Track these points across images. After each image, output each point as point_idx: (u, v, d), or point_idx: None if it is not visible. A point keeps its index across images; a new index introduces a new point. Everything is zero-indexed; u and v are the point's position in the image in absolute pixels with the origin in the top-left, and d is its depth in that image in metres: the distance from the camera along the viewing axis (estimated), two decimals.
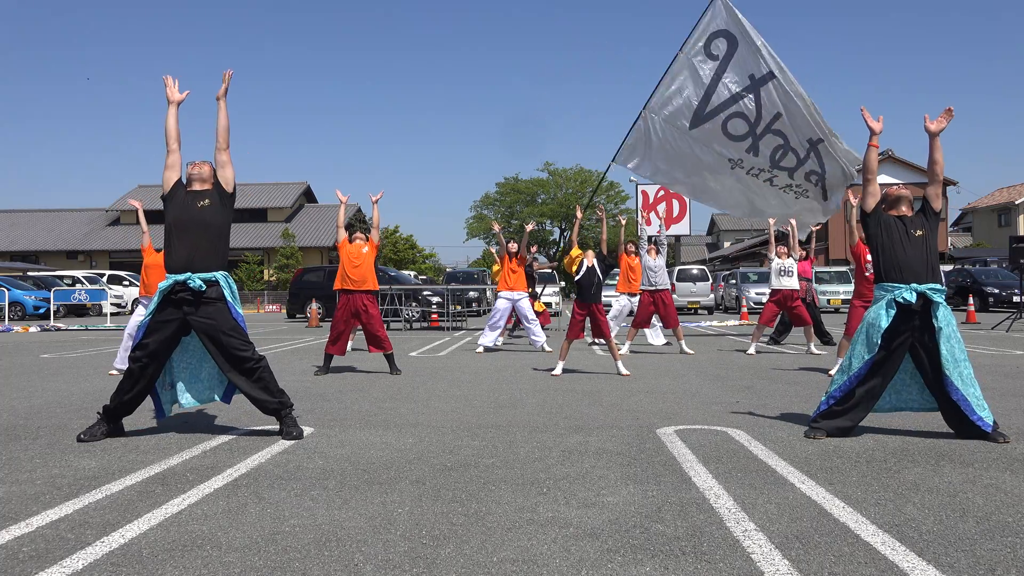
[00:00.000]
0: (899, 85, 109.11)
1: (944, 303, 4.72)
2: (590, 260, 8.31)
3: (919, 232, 4.82)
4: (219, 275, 4.85)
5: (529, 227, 12.29)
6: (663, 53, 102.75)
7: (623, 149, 12.01)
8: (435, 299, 18.82)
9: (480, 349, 11.31)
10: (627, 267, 12.04)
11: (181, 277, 4.74)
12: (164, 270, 4.95)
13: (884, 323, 4.66)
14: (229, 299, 4.87)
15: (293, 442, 4.69)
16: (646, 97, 11.84)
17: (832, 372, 8.23)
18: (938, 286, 4.74)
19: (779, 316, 11.73)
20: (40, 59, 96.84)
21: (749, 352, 10.68)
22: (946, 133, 5.02)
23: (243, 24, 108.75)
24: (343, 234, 8.64)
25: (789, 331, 12.45)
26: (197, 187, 4.92)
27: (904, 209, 4.92)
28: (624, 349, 10.77)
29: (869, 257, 8.14)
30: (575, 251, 8.54)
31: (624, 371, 8.15)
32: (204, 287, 4.76)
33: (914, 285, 4.68)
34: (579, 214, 9.75)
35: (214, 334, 4.78)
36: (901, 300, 4.66)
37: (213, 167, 5.01)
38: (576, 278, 8.40)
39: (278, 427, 4.91)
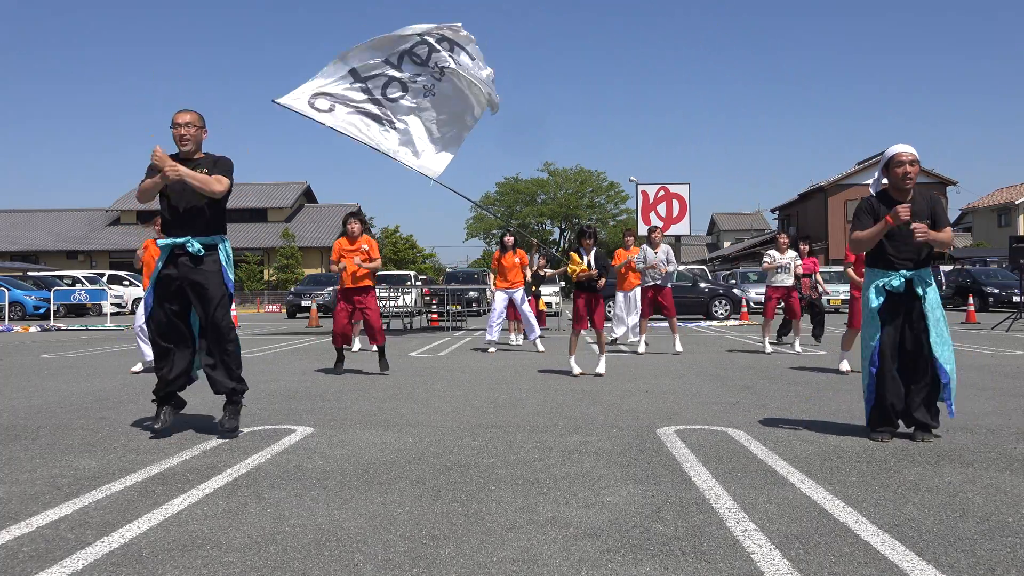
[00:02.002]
0: (898, 85, 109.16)
1: (932, 285, 4.69)
2: (589, 254, 8.27)
3: (919, 221, 4.63)
4: (217, 239, 4.92)
5: (537, 255, 12.59)
6: (663, 53, 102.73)
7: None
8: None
9: (492, 349, 11.42)
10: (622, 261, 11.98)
11: (180, 240, 4.78)
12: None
13: (875, 303, 4.66)
14: (224, 264, 4.92)
15: (293, 442, 4.68)
16: (645, 98, 12.11)
17: (842, 368, 8.24)
18: (925, 271, 4.69)
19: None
20: (40, 59, 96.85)
21: (767, 351, 10.66)
22: (946, 132, 5.01)
23: (243, 24, 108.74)
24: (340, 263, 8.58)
25: (790, 329, 12.45)
26: (190, 150, 4.86)
27: (908, 186, 4.67)
28: (640, 348, 10.78)
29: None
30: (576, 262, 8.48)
31: (601, 370, 8.12)
32: (203, 251, 4.81)
33: (903, 272, 4.64)
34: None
35: (201, 292, 4.83)
36: (889, 288, 4.64)
37: (200, 120, 4.92)
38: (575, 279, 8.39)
39: (222, 414, 4.97)
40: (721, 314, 21.17)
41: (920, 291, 4.64)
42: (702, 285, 22.19)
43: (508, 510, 3.26)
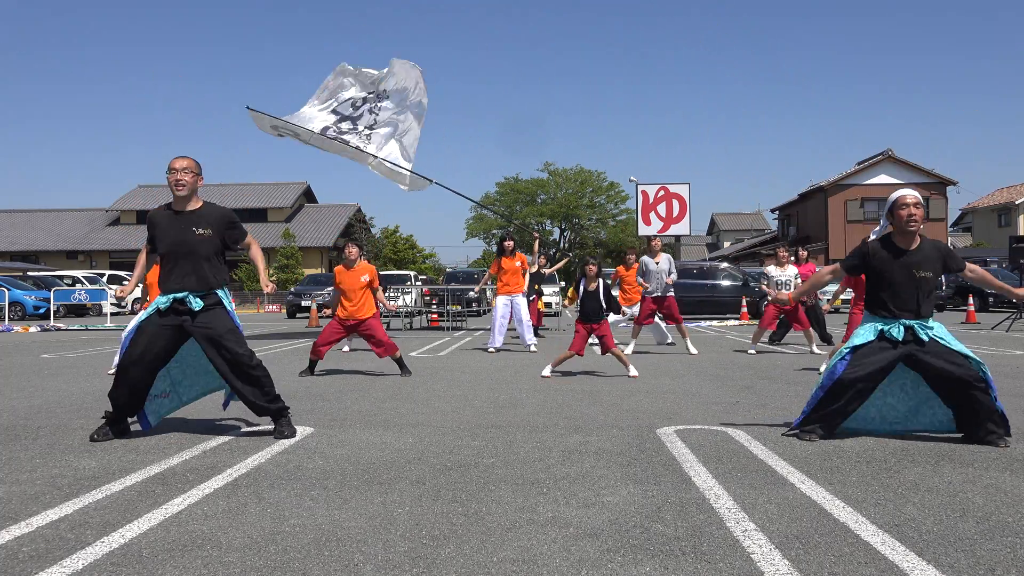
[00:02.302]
0: (898, 85, 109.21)
1: (934, 327, 4.58)
2: (592, 284, 8.18)
3: (924, 273, 4.54)
4: (217, 292, 4.84)
5: (537, 241, 12.61)
6: (663, 53, 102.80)
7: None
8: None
9: (492, 349, 11.43)
10: (621, 279, 11.96)
11: (179, 296, 4.73)
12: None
13: (861, 339, 4.58)
14: (228, 307, 4.87)
15: (293, 442, 4.68)
16: (645, 98, 12.14)
17: (821, 369, 8.23)
18: (925, 322, 4.56)
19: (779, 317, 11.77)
20: (40, 59, 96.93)
21: (750, 352, 10.68)
22: (946, 132, 5.01)
23: (243, 24, 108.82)
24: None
25: (788, 330, 12.45)
26: (188, 205, 4.83)
27: (911, 239, 4.58)
28: (628, 349, 10.75)
29: None
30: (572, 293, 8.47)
31: (634, 372, 8.07)
32: (202, 305, 4.75)
33: (903, 320, 4.54)
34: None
35: (213, 338, 4.75)
36: (888, 336, 4.53)
37: (196, 167, 4.87)
38: (579, 300, 8.29)
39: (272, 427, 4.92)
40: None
41: (924, 335, 4.51)
42: (752, 284, 21.54)
43: (508, 510, 3.26)
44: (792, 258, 11.05)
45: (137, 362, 4.70)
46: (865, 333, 4.62)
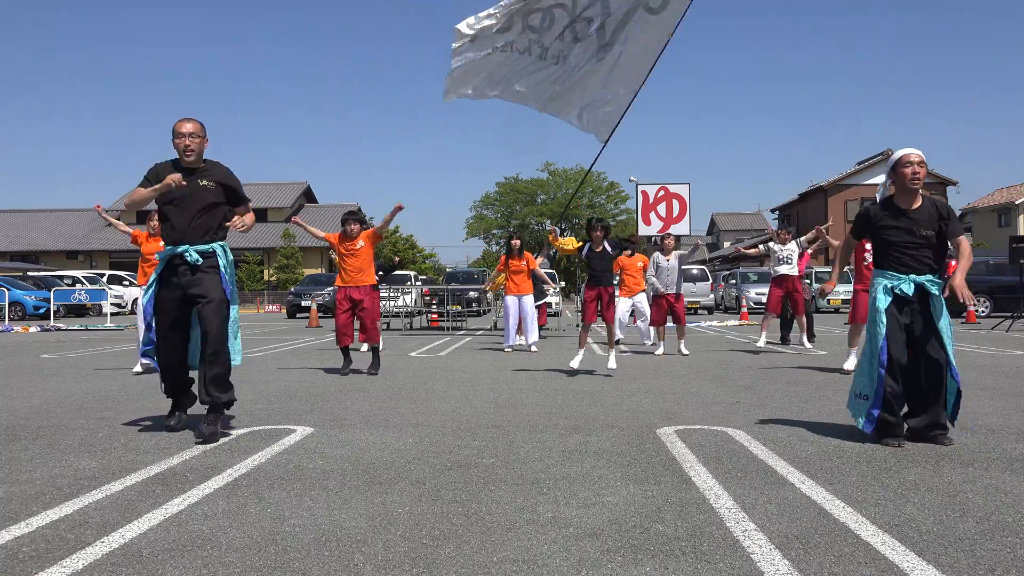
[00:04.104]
0: (899, 85, 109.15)
1: (940, 295, 4.59)
2: (598, 247, 8.24)
3: (926, 232, 4.55)
4: (216, 246, 4.90)
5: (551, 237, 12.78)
6: (663, 53, 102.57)
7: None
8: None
9: (508, 349, 11.53)
10: (623, 269, 12.00)
11: (179, 249, 4.80)
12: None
13: (883, 303, 4.54)
14: (222, 269, 4.88)
15: (293, 442, 4.68)
16: (645, 98, 12.03)
17: (846, 367, 8.21)
18: (934, 278, 4.57)
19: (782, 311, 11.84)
20: (40, 59, 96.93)
21: (759, 344, 10.64)
22: (945, 131, 4.99)
23: (243, 24, 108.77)
24: (321, 232, 8.80)
25: (791, 328, 12.44)
26: (194, 161, 4.88)
27: (913, 197, 4.58)
28: (660, 350, 10.79)
29: (869, 246, 8.12)
30: (571, 242, 8.48)
31: (612, 364, 8.13)
32: (200, 260, 4.81)
33: (912, 276, 4.54)
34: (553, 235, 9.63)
35: (198, 300, 4.80)
36: (899, 292, 4.53)
37: (202, 130, 4.92)
38: (586, 256, 8.24)
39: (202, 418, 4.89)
40: None
41: (930, 298, 4.53)
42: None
43: (508, 510, 3.26)
44: (791, 237, 11.12)
45: (170, 330, 4.87)
46: (881, 295, 4.55)
